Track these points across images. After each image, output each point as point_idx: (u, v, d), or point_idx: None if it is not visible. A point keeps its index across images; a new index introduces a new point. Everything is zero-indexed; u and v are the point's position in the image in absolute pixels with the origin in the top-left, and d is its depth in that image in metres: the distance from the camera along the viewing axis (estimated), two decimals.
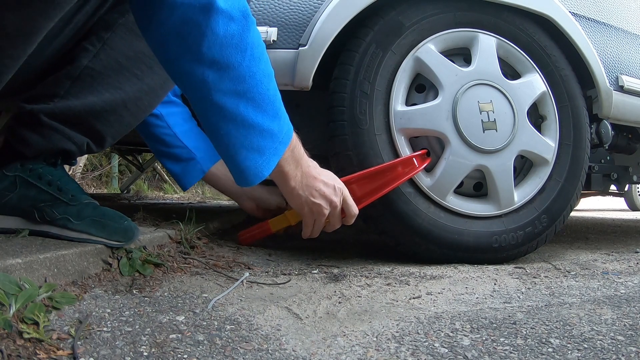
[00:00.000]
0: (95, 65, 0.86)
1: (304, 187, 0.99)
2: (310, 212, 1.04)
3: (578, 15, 1.43)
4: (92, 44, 0.87)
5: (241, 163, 0.83)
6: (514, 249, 1.29)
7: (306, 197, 1.00)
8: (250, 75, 0.78)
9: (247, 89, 0.78)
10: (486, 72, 1.27)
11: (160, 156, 1.35)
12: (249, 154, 0.83)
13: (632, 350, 0.65)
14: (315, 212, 1.04)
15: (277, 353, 0.63)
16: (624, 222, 3.25)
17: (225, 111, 0.78)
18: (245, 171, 0.84)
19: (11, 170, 0.87)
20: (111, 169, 5.45)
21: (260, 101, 0.80)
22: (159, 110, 1.28)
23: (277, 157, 0.87)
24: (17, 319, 0.58)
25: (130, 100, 0.90)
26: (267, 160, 0.85)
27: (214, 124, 0.80)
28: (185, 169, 1.33)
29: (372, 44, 1.22)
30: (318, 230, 1.12)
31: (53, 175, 0.89)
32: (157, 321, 0.69)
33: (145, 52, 0.89)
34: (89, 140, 0.91)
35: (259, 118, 0.81)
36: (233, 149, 0.82)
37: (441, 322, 0.76)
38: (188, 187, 1.38)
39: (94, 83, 0.87)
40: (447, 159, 1.23)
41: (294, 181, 0.96)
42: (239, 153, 0.82)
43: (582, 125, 1.39)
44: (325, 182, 1.02)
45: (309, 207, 1.03)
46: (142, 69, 0.89)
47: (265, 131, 0.82)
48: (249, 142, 0.82)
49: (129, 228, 0.90)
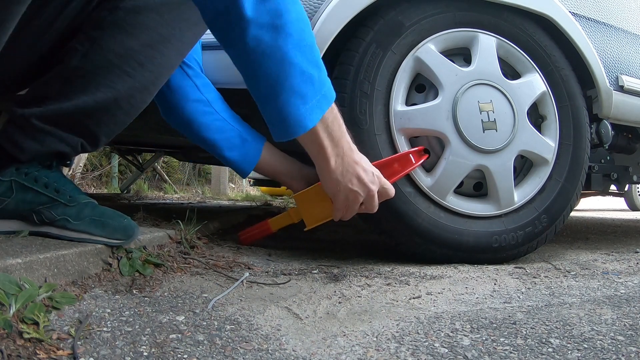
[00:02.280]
0: (85, 64, 0.86)
1: (344, 173, 0.96)
2: (345, 199, 1.01)
3: (578, 15, 1.43)
4: (81, 43, 0.86)
5: (282, 108, 0.81)
6: (514, 249, 1.29)
7: (345, 184, 0.97)
8: (286, 11, 0.78)
9: (284, 23, 0.77)
10: (486, 72, 1.27)
11: (213, 147, 1.24)
12: (290, 98, 0.81)
13: (632, 350, 0.65)
14: (350, 199, 1.00)
15: (277, 353, 0.63)
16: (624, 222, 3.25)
17: (264, 45, 0.77)
18: (288, 118, 0.82)
19: (6, 175, 0.87)
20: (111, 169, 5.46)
21: (299, 40, 0.79)
22: (205, 95, 1.20)
23: (321, 111, 0.85)
24: (17, 319, 0.58)
25: (122, 98, 0.89)
26: (310, 110, 0.83)
27: (252, 61, 0.79)
28: (243, 152, 1.25)
29: (372, 44, 1.22)
30: (350, 215, 1.08)
31: (49, 178, 0.88)
32: (157, 321, 0.69)
33: (135, 49, 0.88)
34: (83, 141, 0.91)
35: (297, 56, 0.79)
36: (273, 91, 0.80)
37: (441, 322, 0.76)
38: (249, 172, 1.29)
39: (85, 83, 0.86)
40: (447, 158, 1.23)
41: (334, 162, 0.93)
42: (280, 95, 0.80)
43: (582, 125, 1.39)
44: (365, 169, 0.98)
45: (345, 195, 0.99)
46: (133, 66, 0.88)
47: (305, 74, 0.81)
48: (289, 83, 0.80)
49: (129, 226, 0.90)
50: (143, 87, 0.91)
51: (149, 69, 0.91)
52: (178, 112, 1.19)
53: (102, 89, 0.87)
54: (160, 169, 5.87)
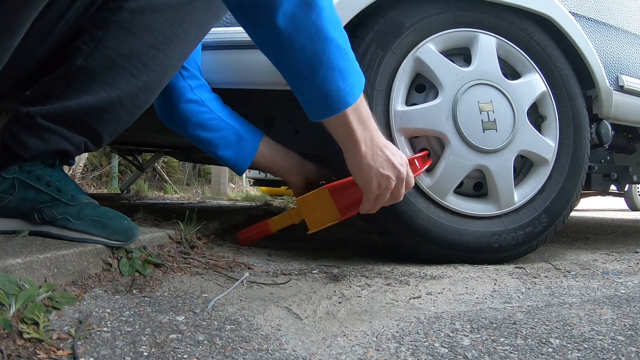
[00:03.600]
0: (89, 64, 0.86)
1: (374, 157, 0.92)
2: (377, 186, 0.97)
3: (578, 15, 1.43)
4: (86, 43, 0.87)
5: (323, 84, 0.79)
6: (514, 249, 1.29)
7: (377, 169, 0.93)
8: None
9: (317, 1, 0.76)
10: (486, 72, 1.27)
11: (208, 146, 1.26)
12: (330, 73, 0.79)
13: (632, 350, 0.65)
14: (383, 185, 0.97)
15: (277, 353, 0.63)
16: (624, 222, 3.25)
17: (297, 21, 0.75)
18: (329, 95, 0.80)
19: (9, 173, 0.87)
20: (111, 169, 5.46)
21: (331, 15, 0.78)
22: (199, 96, 1.22)
23: (359, 88, 0.83)
24: (17, 319, 0.58)
25: (126, 98, 0.90)
26: (351, 86, 0.81)
27: (285, 39, 0.77)
28: (238, 150, 1.26)
29: (372, 44, 1.22)
30: (379, 206, 1.03)
31: (51, 176, 0.89)
32: (157, 321, 0.69)
33: (139, 49, 0.88)
34: (86, 140, 0.91)
35: (332, 31, 0.77)
36: (311, 68, 0.78)
37: (441, 322, 0.76)
38: (245, 170, 1.31)
39: (89, 82, 0.87)
40: (447, 158, 1.23)
41: (364, 146, 0.90)
42: (319, 71, 0.79)
43: (582, 125, 1.39)
44: (394, 152, 0.96)
45: (378, 181, 0.95)
46: (137, 66, 0.89)
47: (341, 48, 0.79)
48: (327, 58, 0.78)
49: (129, 228, 0.90)
50: (146, 87, 0.92)
51: (153, 69, 0.91)
52: (173, 113, 1.21)
53: (105, 88, 0.88)
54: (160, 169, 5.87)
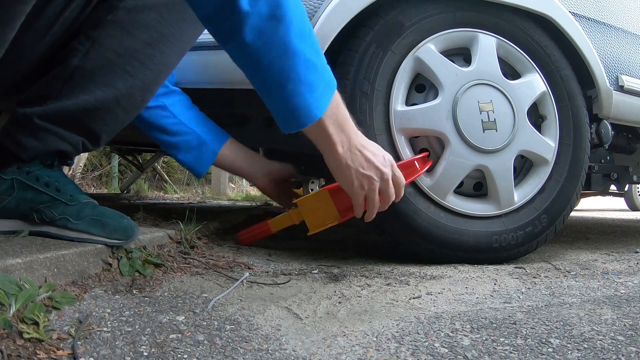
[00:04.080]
0: (86, 64, 0.86)
1: (353, 157, 0.91)
2: (360, 187, 0.96)
3: (578, 15, 1.43)
4: (82, 42, 0.87)
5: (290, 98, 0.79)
6: (514, 249, 1.29)
7: (356, 169, 0.92)
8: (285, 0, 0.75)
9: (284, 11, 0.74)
10: (486, 72, 1.27)
11: (170, 148, 1.31)
12: (297, 87, 0.78)
13: (632, 350, 0.65)
14: (365, 186, 0.95)
15: (277, 353, 0.63)
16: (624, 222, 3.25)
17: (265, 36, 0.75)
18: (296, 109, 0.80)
19: (8, 174, 0.87)
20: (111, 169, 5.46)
21: (300, 28, 0.77)
22: (162, 101, 1.27)
23: (327, 98, 0.83)
24: (17, 319, 0.58)
25: (123, 97, 0.90)
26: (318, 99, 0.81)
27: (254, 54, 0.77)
28: (198, 155, 1.30)
29: (372, 44, 1.22)
30: (373, 209, 1.01)
31: (50, 177, 0.89)
32: (157, 321, 0.69)
33: (135, 48, 0.88)
34: (84, 140, 0.91)
35: (299, 45, 0.77)
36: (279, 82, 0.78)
37: (441, 322, 0.76)
38: (203, 173, 1.35)
39: (85, 82, 0.87)
40: (447, 159, 1.23)
41: (341, 148, 0.90)
42: (286, 86, 0.78)
43: (582, 125, 1.39)
44: (375, 152, 0.95)
45: (359, 181, 0.94)
46: (134, 65, 0.89)
47: (309, 62, 0.79)
48: (295, 72, 0.78)
49: (129, 226, 0.90)
50: (143, 86, 0.92)
51: (149, 67, 0.91)
52: (139, 119, 1.27)
53: (102, 87, 0.87)
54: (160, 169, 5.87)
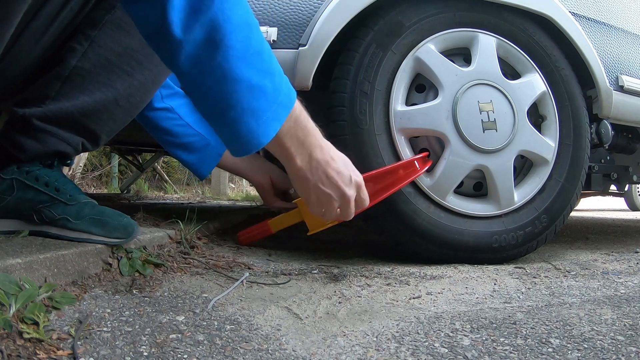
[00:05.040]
0: (84, 64, 0.86)
1: (312, 170, 0.85)
2: (317, 202, 0.89)
3: (578, 15, 1.43)
4: (80, 42, 0.86)
5: (233, 127, 0.73)
6: (514, 249, 1.29)
7: (314, 183, 0.86)
8: (226, 20, 0.67)
9: (224, 35, 0.67)
10: (486, 72, 1.27)
11: (174, 148, 1.32)
12: (240, 116, 0.71)
13: (632, 350, 0.65)
14: (323, 201, 0.89)
15: (277, 353, 0.63)
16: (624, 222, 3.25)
17: (202, 65, 0.68)
18: (240, 137, 0.73)
19: (8, 174, 0.87)
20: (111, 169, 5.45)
21: (244, 51, 0.69)
22: (168, 103, 1.27)
23: (278, 122, 0.75)
24: (17, 319, 0.58)
25: (122, 97, 0.89)
26: (265, 125, 0.74)
27: (192, 82, 0.71)
28: (202, 156, 1.31)
29: (372, 44, 1.22)
30: (330, 217, 0.94)
31: (50, 177, 0.88)
32: (157, 321, 0.69)
33: (134, 48, 0.87)
34: (83, 140, 0.91)
35: (241, 71, 0.69)
36: (220, 111, 0.72)
37: (441, 322, 0.76)
38: (207, 175, 1.35)
39: (84, 82, 0.86)
40: (447, 159, 1.23)
41: (299, 160, 0.83)
42: (227, 114, 0.71)
43: (582, 125, 1.39)
44: (339, 171, 0.87)
45: (317, 196, 0.88)
46: (132, 65, 0.88)
47: (254, 87, 0.71)
48: (236, 101, 0.70)
49: (129, 224, 0.90)
50: (142, 86, 0.91)
51: (148, 67, 0.91)
52: (143, 118, 1.27)
53: (101, 88, 0.87)
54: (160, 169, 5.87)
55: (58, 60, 0.87)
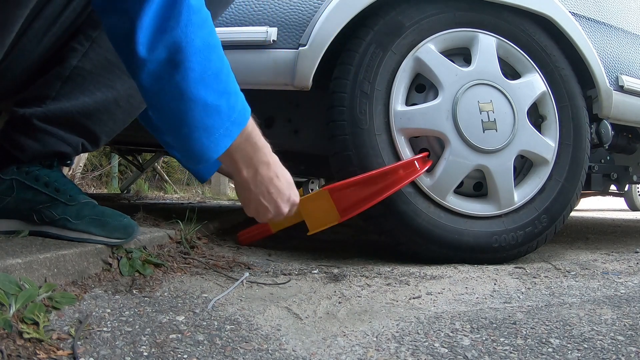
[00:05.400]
0: (85, 64, 0.86)
1: (257, 184, 0.89)
2: (255, 211, 0.95)
3: (578, 15, 1.43)
4: (81, 43, 0.86)
5: (185, 141, 0.76)
6: (514, 249, 1.29)
7: (256, 195, 0.91)
8: (188, 42, 0.69)
9: (184, 57, 0.70)
10: (486, 72, 1.27)
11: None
12: (193, 133, 0.75)
13: (632, 350, 0.65)
14: (260, 212, 0.95)
15: (277, 353, 0.63)
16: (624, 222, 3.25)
17: (161, 82, 0.71)
18: (191, 151, 0.77)
19: (7, 174, 0.87)
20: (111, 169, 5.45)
21: (202, 72, 0.72)
22: None
23: (230, 138, 0.79)
24: (17, 319, 0.58)
25: (122, 98, 0.89)
26: (216, 142, 0.77)
27: (151, 97, 0.74)
28: None
29: (372, 44, 1.22)
30: (260, 219, 1.00)
31: (50, 177, 0.88)
32: (157, 321, 0.69)
33: None
34: (83, 141, 0.91)
35: (198, 91, 0.72)
36: (174, 125, 0.75)
37: (441, 322, 0.76)
38: (207, 178, 1.29)
39: (84, 82, 0.86)
40: (447, 159, 1.23)
41: (245, 173, 0.88)
42: (181, 130, 0.75)
43: (582, 125, 1.39)
44: (280, 189, 0.93)
45: (255, 206, 0.93)
46: None
47: (208, 107, 0.74)
48: (190, 119, 0.73)
49: (129, 225, 0.90)
50: None
51: None
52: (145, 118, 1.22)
53: (101, 88, 0.87)
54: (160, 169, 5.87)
55: (59, 60, 0.87)
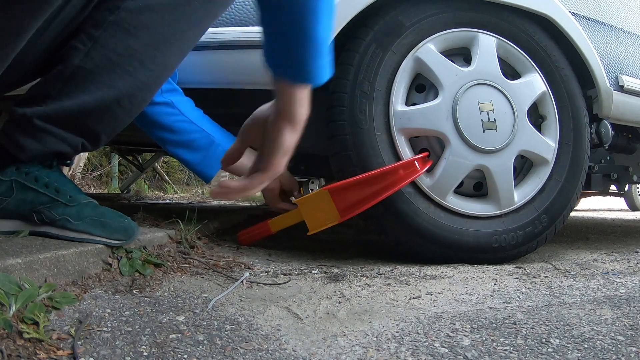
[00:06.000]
0: (86, 64, 0.86)
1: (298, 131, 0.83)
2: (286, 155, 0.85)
3: (578, 15, 1.43)
4: (83, 42, 0.86)
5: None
6: (514, 249, 1.29)
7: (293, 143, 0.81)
8: None
9: None
10: (486, 72, 1.27)
11: (175, 148, 1.21)
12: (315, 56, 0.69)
13: (632, 350, 0.65)
14: (284, 161, 0.84)
15: (277, 353, 0.63)
16: (624, 222, 3.25)
17: None
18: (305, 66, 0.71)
19: (7, 175, 0.87)
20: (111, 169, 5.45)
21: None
22: (168, 98, 1.19)
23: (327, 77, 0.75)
24: (17, 319, 0.58)
25: (123, 98, 0.89)
26: (325, 67, 0.73)
27: None
28: (207, 155, 1.20)
29: (372, 44, 1.22)
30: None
31: (50, 177, 0.88)
32: (157, 321, 0.69)
33: (136, 49, 0.87)
34: (83, 141, 0.91)
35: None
36: None
37: (441, 322, 0.76)
38: (212, 176, 1.25)
39: (86, 82, 0.86)
40: (447, 159, 1.23)
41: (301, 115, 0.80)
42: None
43: (582, 125, 1.39)
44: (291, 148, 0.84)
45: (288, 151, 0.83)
46: (134, 65, 0.88)
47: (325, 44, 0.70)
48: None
49: (129, 226, 0.90)
50: (144, 86, 0.91)
51: (150, 68, 0.90)
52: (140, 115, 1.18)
53: (103, 88, 0.87)
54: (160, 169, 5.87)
55: (60, 59, 0.87)
